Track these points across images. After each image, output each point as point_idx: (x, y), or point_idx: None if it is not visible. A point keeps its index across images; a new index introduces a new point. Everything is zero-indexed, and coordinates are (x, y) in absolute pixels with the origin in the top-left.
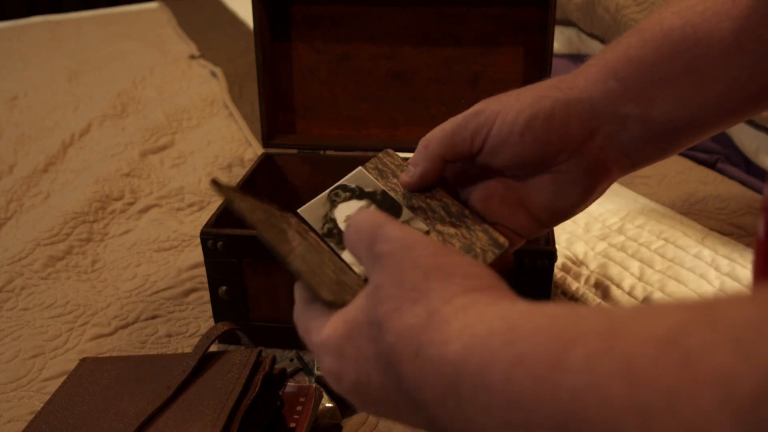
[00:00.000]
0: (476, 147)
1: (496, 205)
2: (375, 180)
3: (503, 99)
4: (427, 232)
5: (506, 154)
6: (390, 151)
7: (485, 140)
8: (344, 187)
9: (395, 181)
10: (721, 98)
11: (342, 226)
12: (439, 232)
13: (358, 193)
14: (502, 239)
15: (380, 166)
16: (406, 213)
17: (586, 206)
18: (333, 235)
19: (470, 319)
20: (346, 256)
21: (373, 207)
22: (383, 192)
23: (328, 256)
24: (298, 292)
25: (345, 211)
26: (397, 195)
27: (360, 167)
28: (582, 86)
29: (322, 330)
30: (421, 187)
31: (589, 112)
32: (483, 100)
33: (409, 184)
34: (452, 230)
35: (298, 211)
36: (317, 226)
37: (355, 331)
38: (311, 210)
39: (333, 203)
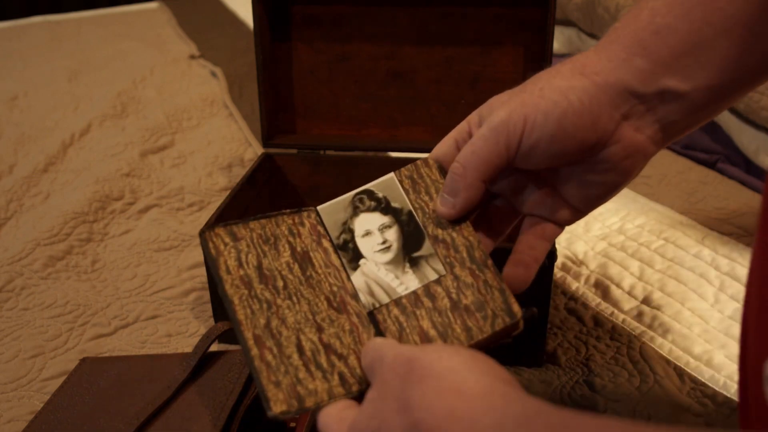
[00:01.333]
0: (511, 158)
1: (529, 196)
2: (404, 194)
3: (526, 99)
4: (444, 276)
5: (538, 156)
6: (430, 161)
7: (517, 149)
8: (371, 194)
9: (426, 198)
10: (763, 55)
11: (359, 241)
12: (456, 277)
13: (383, 206)
14: (516, 308)
15: (415, 176)
16: (426, 247)
17: (624, 187)
18: (347, 249)
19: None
20: (356, 278)
21: (395, 228)
22: (410, 213)
23: (322, 299)
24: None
25: (365, 225)
26: (424, 217)
27: (392, 174)
28: (608, 68)
29: None
30: (462, 216)
31: (621, 95)
32: (503, 102)
33: (450, 216)
34: (470, 279)
35: (318, 208)
36: (333, 234)
37: None
38: (331, 211)
39: (355, 210)
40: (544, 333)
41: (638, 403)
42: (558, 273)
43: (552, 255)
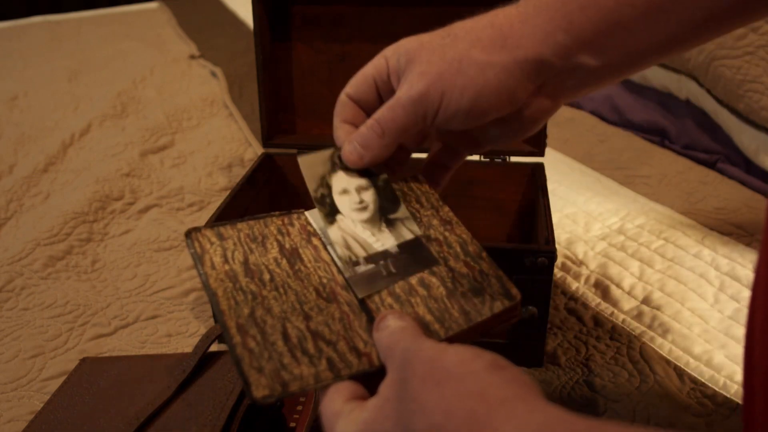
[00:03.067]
0: (427, 127)
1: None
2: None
3: (444, 72)
4: (438, 267)
5: (453, 125)
6: (420, 176)
7: (434, 120)
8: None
9: (417, 206)
10: (672, 37)
11: (336, 197)
12: (451, 269)
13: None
14: (515, 291)
15: (405, 189)
16: (402, 210)
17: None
18: (325, 203)
19: None
20: (333, 232)
21: (371, 191)
22: (386, 180)
23: (311, 290)
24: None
25: (343, 183)
26: (417, 222)
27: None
28: (530, 43)
29: None
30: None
31: (538, 69)
32: (421, 62)
33: (356, 164)
34: (465, 269)
35: (298, 158)
36: (311, 186)
37: None
38: (311, 163)
39: (333, 166)
40: (544, 333)
41: (638, 404)
42: (558, 273)
43: (552, 255)
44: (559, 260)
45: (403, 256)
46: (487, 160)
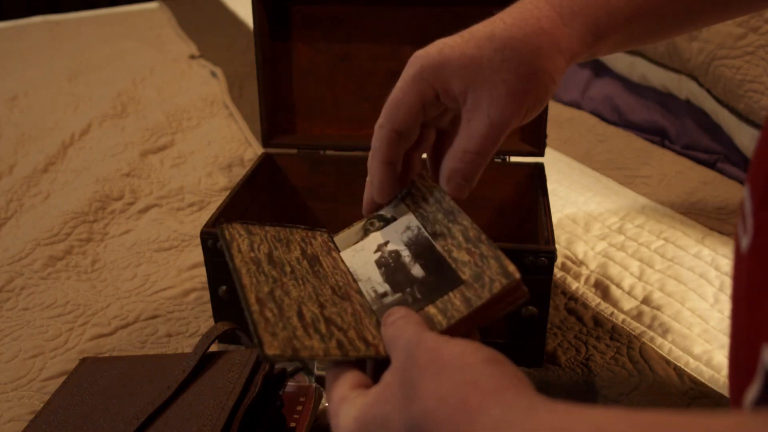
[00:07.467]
0: None
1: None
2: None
3: (528, 90)
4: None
5: None
6: (423, 173)
7: None
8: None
9: (423, 203)
10: (679, 26)
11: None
12: (454, 260)
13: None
14: (512, 268)
15: (412, 190)
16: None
17: None
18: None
19: (465, 424)
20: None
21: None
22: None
23: (327, 288)
24: (329, 376)
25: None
26: (424, 221)
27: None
28: (573, 45)
29: (340, 424)
30: None
31: (575, 61)
32: (491, 85)
33: (462, 197)
34: (466, 257)
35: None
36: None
37: (364, 429)
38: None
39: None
40: (544, 333)
41: (638, 404)
42: (558, 273)
43: (552, 255)
44: (559, 260)
45: (429, 280)
46: None
